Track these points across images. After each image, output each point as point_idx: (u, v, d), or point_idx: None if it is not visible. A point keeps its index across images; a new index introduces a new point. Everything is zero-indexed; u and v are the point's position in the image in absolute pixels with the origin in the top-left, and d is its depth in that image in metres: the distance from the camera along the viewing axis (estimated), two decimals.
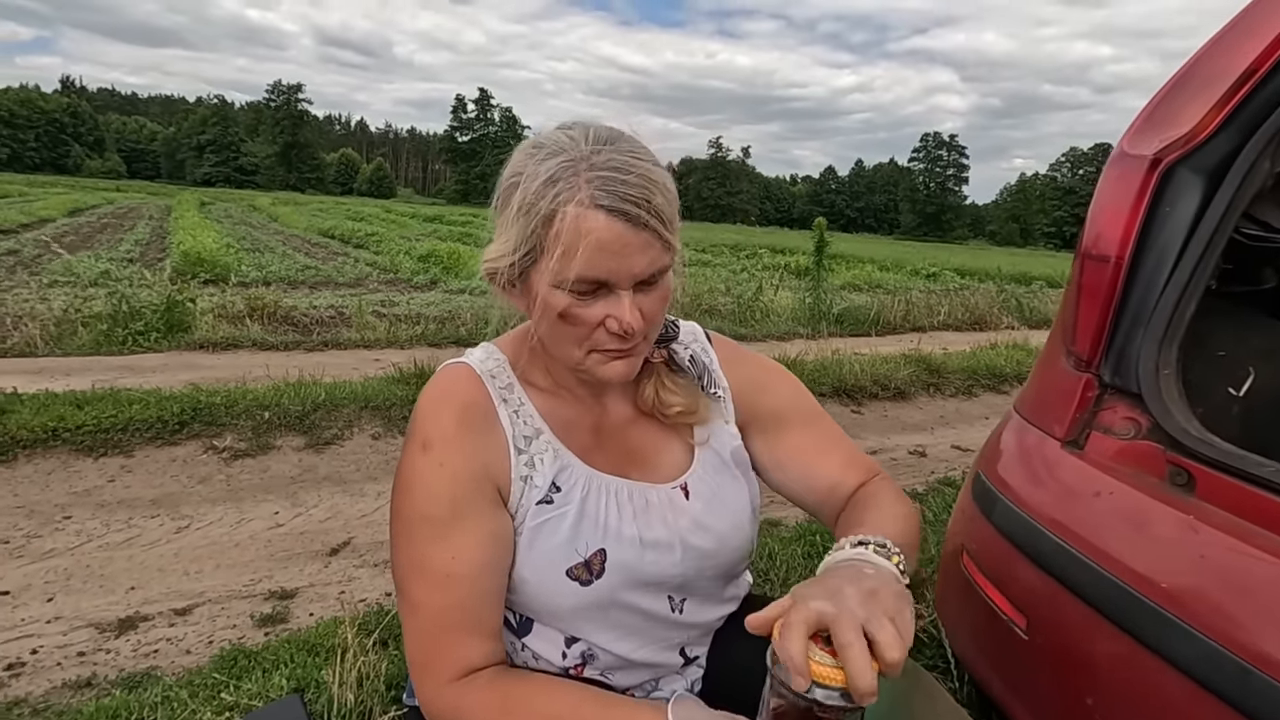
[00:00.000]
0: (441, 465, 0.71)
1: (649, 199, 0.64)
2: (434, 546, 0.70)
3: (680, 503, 0.80)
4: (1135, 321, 1.13)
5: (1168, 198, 1.11)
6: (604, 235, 0.63)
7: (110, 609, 1.91)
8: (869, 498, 0.83)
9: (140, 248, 13.08)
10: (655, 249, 0.66)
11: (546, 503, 0.74)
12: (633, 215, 0.64)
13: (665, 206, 0.66)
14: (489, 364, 0.79)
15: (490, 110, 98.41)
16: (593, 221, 0.63)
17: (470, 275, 10.85)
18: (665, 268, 0.69)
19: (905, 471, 3.43)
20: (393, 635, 1.73)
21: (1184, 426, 1.02)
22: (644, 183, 0.65)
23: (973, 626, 1.34)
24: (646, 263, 0.66)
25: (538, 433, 0.77)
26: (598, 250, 0.63)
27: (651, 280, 0.68)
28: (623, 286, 0.66)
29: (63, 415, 2.86)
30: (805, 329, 7.03)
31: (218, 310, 5.66)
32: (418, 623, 0.70)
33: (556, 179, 0.64)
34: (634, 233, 0.64)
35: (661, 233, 0.66)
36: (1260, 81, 1.07)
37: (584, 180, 0.64)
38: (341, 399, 3.39)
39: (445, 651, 0.70)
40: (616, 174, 0.64)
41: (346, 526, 2.48)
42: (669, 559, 0.77)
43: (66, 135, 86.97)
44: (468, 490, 0.71)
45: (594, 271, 0.64)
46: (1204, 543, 0.91)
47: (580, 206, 0.63)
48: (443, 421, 0.73)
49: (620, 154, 0.66)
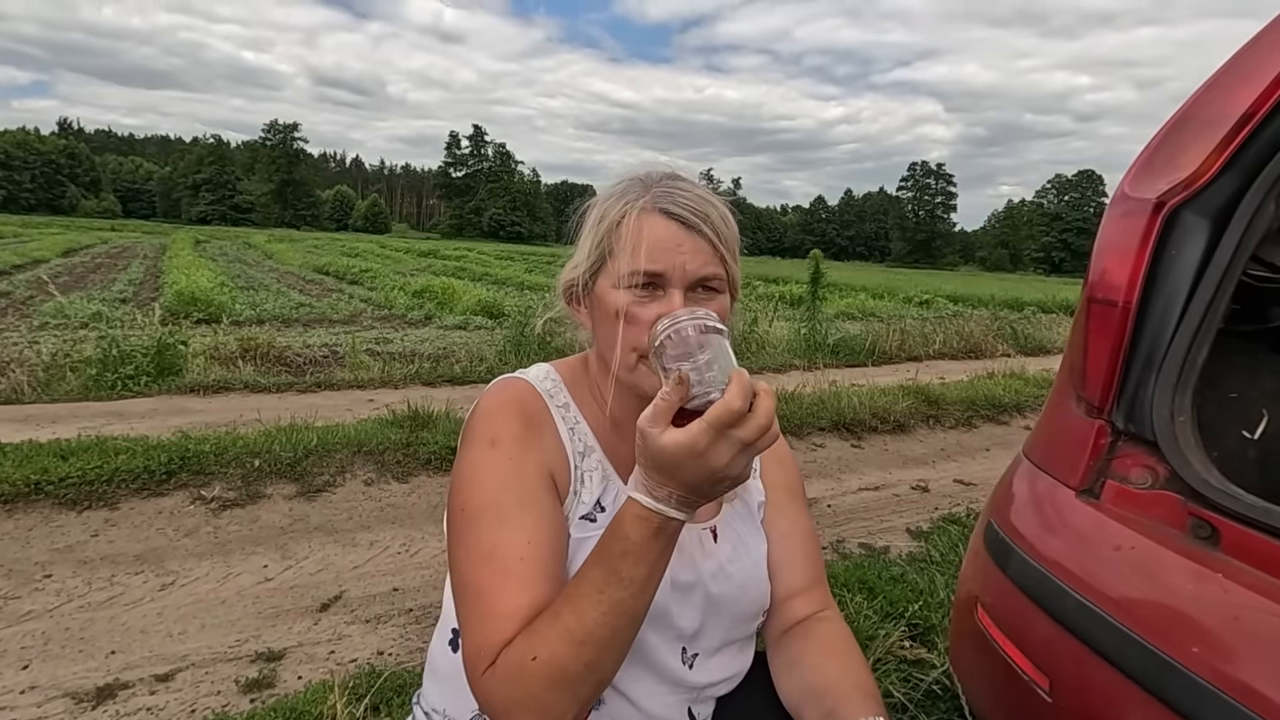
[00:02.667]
0: (510, 459, 0.73)
1: (703, 210, 0.74)
2: (507, 533, 0.70)
3: (709, 545, 0.83)
4: (1147, 367, 1.10)
5: (1174, 241, 1.10)
6: (661, 233, 0.72)
7: (89, 676, 1.82)
8: (837, 646, 0.85)
9: (134, 287, 13.07)
10: (707, 253, 0.73)
11: (589, 520, 0.77)
12: (687, 219, 0.73)
13: (720, 224, 0.75)
14: (546, 383, 0.83)
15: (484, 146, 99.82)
16: (652, 221, 0.73)
17: (465, 310, 10.87)
18: (719, 278, 0.75)
19: (909, 508, 3.37)
20: (384, 700, 1.66)
21: (1204, 477, 0.99)
22: (699, 198, 0.75)
23: (991, 684, 1.28)
24: (699, 263, 0.73)
25: (589, 450, 0.80)
26: (655, 246, 0.72)
27: (706, 289, 0.74)
28: (675, 285, 0.72)
29: (46, 467, 2.79)
30: (801, 360, 7.01)
31: (210, 351, 5.61)
32: (484, 607, 0.68)
33: (626, 193, 0.76)
34: (687, 234, 0.73)
35: (714, 241, 0.74)
36: (1259, 125, 1.07)
37: (650, 193, 0.75)
38: (334, 444, 3.33)
39: (510, 636, 0.67)
40: (675, 187, 0.75)
41: (338, 579, 2.41)
42: (691, 601, 0.79)
43: (63, 176, 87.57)
44: (536, 482, 0.74)
45: (651, 264, 0.72)
46: (1235, 603, 0.87)
47: (644, 212, 0.74)
48: (511, 421, 0.76)
49: (681, 179, 0.78)
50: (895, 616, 2.06)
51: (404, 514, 2.94)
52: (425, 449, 3.40)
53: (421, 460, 3.35)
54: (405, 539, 2.72)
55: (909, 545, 2.91)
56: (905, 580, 2.31)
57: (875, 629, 1.95)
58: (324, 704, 1.58)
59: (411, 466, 3.32)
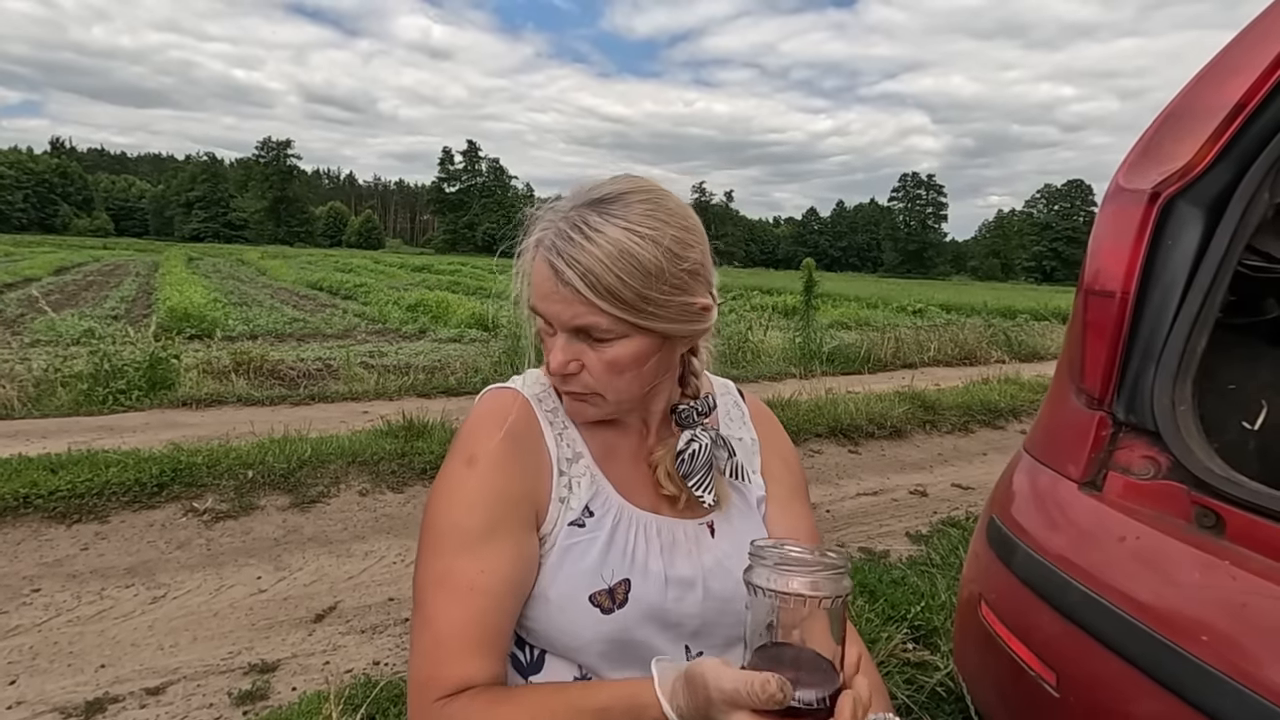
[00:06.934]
0: (484, 481, 0.73)
1: (580, 260, 0.67)
2: (463, 559, 0.70)
3: (706, 540, 0.82)
4: (1146, 357, 1.10)
5: (1169, 231, 1.10)
6: (538, 279, 0.71)
7: (78, 690, 1.78)
8: None
9: (126, 304, 13.00)
10: (576, 305, 0.69)
11: (578, 525, 0.76)
12: (557, 268, 0.68)
13: (604, 274, 0.67)
14: (535, 388, 0.82)
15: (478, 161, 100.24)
16: (538, 264, 0.71)
17: (459, 324, 10.85)
18: (599, 328, 0.70)
19: (908, 512, 3.36)
20: (380, 710, 1.63)
21: (1207, 465, 0.98)
22: (587, 245, 0.67)
23: (997, 682, 1.27)
24: (570, 315, 0.70)
25: (578, 456, 0.79)
26: (535, 290, 0.72)
27: (596, 337, 0.71)
28: (559, 329, 0.72)
29: (35, 481, 2.75)
30: (797, 369, 7.01)
31: (203, 366, 5.57)
32: (430, 636, 0.69)
33: (536, 223, 0.73)
34: (555, 285, 0.69)
35: (584, 293, 0.68)
36: (1251, 115, 1.07)
37: (551, 228, 0.71)
38: (328, 454, 3.30)
39: (451, 668, 0.68)
40: (568, 228, 0.69)
41: (332, 590, 2.37)
42: (691, 597, 0.78)
43: (56, 195, 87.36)
44: (506, 510, 0.73)
45: (535, 304, 0.72)
46: (1243, 590, 0.86)
47: (535, 247, 0.71)
48: (490, 440, 0.75)
49: (594, 213, 0.69)
50: (897, 619, 2.04)
51: (399, 524, 2.91)
52: (420, 459, 3.37)
53: (417, 470, 3.32)
54: (400, 549, 2.69)
55: (909, 549, 2.90)
56: (906, 583, 2.29)
57: (878, 632, 1.94)
58: (319, 715, 1.55)
59: (406, 476, 3.29)
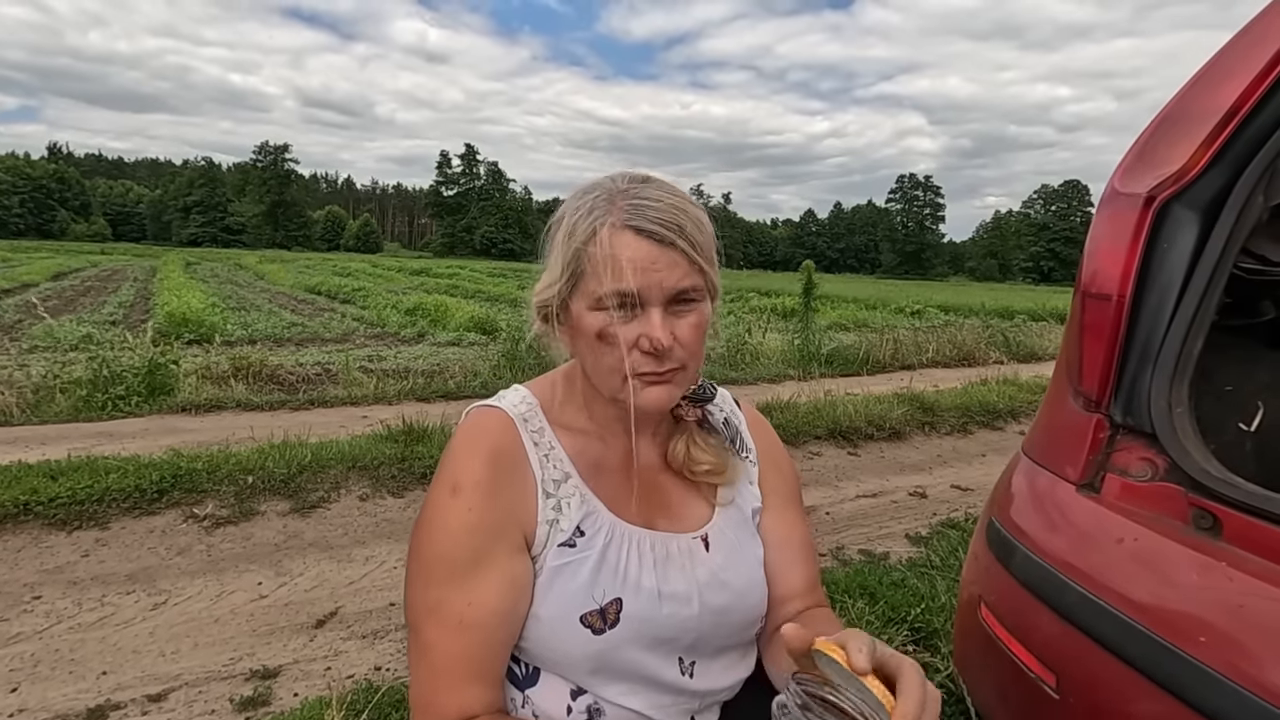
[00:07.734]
0: (469, 510, 0.72)
1: (676, 222, 0.70)
2: (452, 590, 0.71)
3: (700, 554, 0.81)
4: (1143, 359, 1.11)
5: (1165, 234, 1.11)
6: (633, 253, 0.69)
7: (79, 698, 1.78)
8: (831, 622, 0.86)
9: (124, 310, 12.99)
10: (683, 267, 0.70)
11: (569, 545, 0.75)
12: (659, 235, 0.69)
13: (695, 233, 0.71)
14: (521, 408, 0.81)
15: (476, 165, 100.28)
16: (623, 239, 0.69)
17: (457, 327, 10.85)
18: (697, 289, 0.72)
19: (907, 514, 3.37)
20: (382, 716, 1.63)
21: (1204, 467, 0.99)
22: (671, 210, 0.71)
23: (997, 684, 1.27)
24: (675, 279, 0.70)
25: (566, 476, 0.78)
26: (628, 266, 0.69)
27: (684, 302, 0.72)
28: (653, 303, 0.70)
29: (35, 488, 2.75)
30: (795, 370, 7.02)
31: (202, 371, 5.56)
32: (426, 666, 0.71)
33: (594, 209, 0.72)
34: (661, 250, 0.69)
35: (689, 253, 0.70)
36: (1245, 119, 1.08)
37: (617, 208, 0.71)
38: (328, 459, 3.30)
39: (448, 696, 0.70)
40: (645, 201, 0.71)
41: (334, 595, 2.37)
42: (686, 611, 0.78)
43: (53, 200, 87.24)
44: (492, 538, 0.72)
45: (625, 285, 0.69)
46: (1240, 591, 0.87)
47: (613, 229, 0.70)
48: (474, 466, 0.74)
49: (652, 189, 0.72)
50: (897, 621, 2.05)
51: (400, 528, 2.91)
52: (420, 463, 3.37)
53: (417, 474, 3.33)
54: (401, 553, 2.69)
55: (908, 551, 2.90)
56: (906, 585, 2.30)
57: (878, 634, 1.94)
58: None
59: (407, 481, 3.29)
